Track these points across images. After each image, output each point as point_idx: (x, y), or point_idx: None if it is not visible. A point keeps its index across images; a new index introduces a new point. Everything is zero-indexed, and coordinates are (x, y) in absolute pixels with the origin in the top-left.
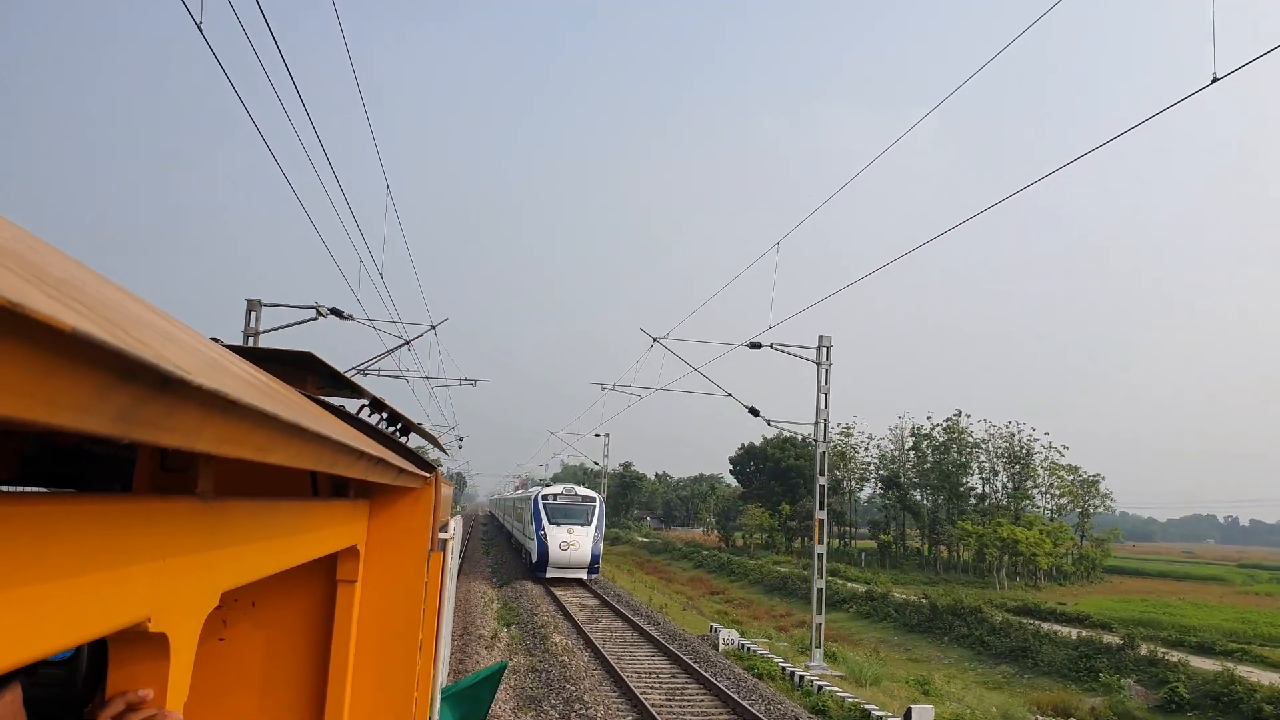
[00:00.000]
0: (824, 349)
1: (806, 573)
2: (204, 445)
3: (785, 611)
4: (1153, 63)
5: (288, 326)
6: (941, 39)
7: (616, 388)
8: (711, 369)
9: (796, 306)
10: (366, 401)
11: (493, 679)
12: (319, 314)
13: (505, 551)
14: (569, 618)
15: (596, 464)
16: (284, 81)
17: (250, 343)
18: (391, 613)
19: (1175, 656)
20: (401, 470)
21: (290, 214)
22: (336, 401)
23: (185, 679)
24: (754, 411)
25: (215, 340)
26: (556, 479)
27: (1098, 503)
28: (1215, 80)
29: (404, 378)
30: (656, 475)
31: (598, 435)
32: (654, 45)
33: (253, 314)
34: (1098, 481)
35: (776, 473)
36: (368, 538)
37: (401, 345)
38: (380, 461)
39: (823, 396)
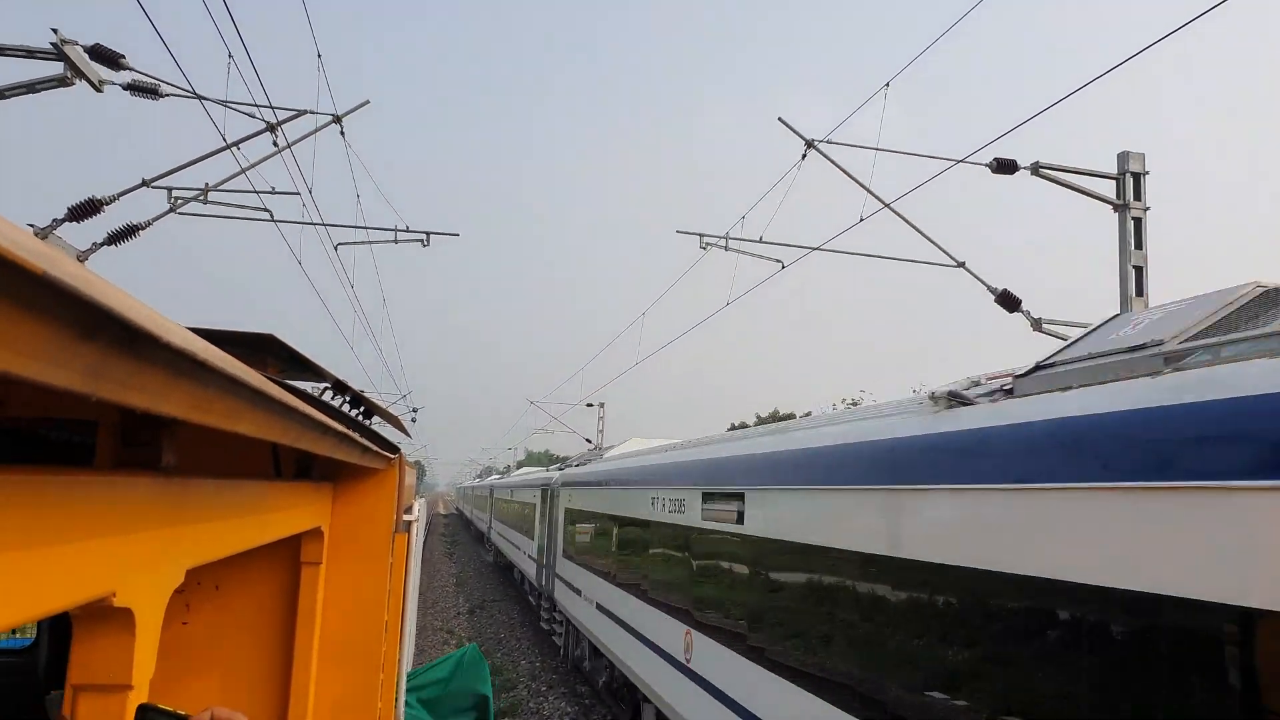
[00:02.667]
0: (1131, 178)
1: None
2: (171, 408)
3: None
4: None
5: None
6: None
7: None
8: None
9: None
10: (329, 384)
11: (478, 671)
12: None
13: (489, 581)
14: None
15: (590, 441)
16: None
17: None
18: (356, 595)
19: None
20: (366, 450)
21: None
22: (299, 385)
23: (151, 655)
24: (1009, 300)
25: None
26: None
27: None
28: None
29: (267, 218)
30: None
31: (589, 405)
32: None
33: None
34: None
35: None
36: (332, 520)
37: (259, 135)
38: (346, 439)
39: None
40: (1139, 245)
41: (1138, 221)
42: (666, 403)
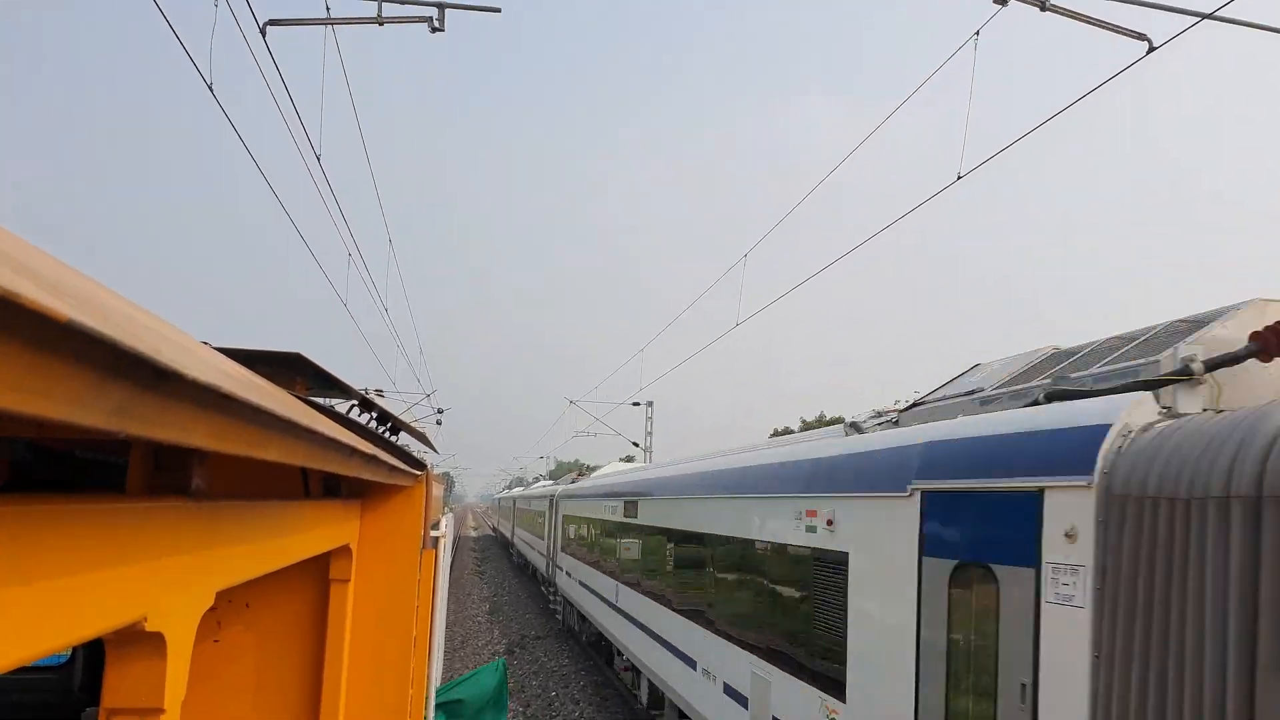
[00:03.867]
0: None
1: None
2: (198, 440)
3: None
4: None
5: None
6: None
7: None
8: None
9: None
10: (356, 401)
11: (500, 684)
12: None
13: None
14: None
15: (636, 444)
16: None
17: None
18: (385, 611)
19: None
20: (393, 468)
21: None
22: (326, 403)
23: (182, 678)
24: None
25: (205, 344)
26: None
27: None
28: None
29: None
30: None
31: (635, 405)
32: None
33: None
34: None
35: None
36: (360, 537)
37: None
38: (373, 459)
39: None
40: None
41: None
42: (720, 403)
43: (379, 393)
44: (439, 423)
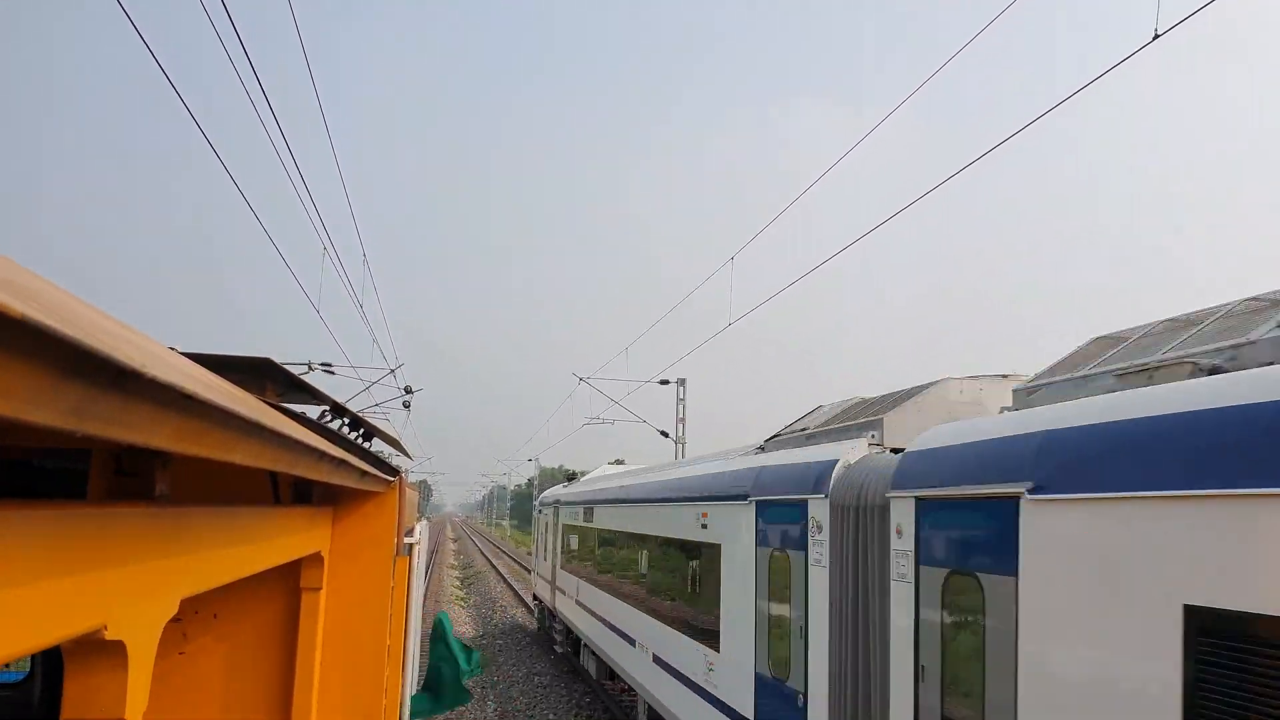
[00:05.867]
0: None
1: None
2: (161, 442)
3: None
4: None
5: None
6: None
7: None
8: None
9: None
10: (327, 407)
11: (443, 636)
12: None
13: None
14: None
15: (665, 434)
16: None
17: None
18: (358, 619)
19: None
20: (365, 473)
21: None
22: (298, 409)
23: (144, 688)
24: None
25: (172, 350)
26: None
27: None
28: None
29: None
30: None
31: (665, 383)
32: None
33: None
34: None
35: None
36: (332, 544)
37: None
38: (343, 464)
39: None
40: None
41: None
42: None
43: (325, 366)
44: (406, 405)
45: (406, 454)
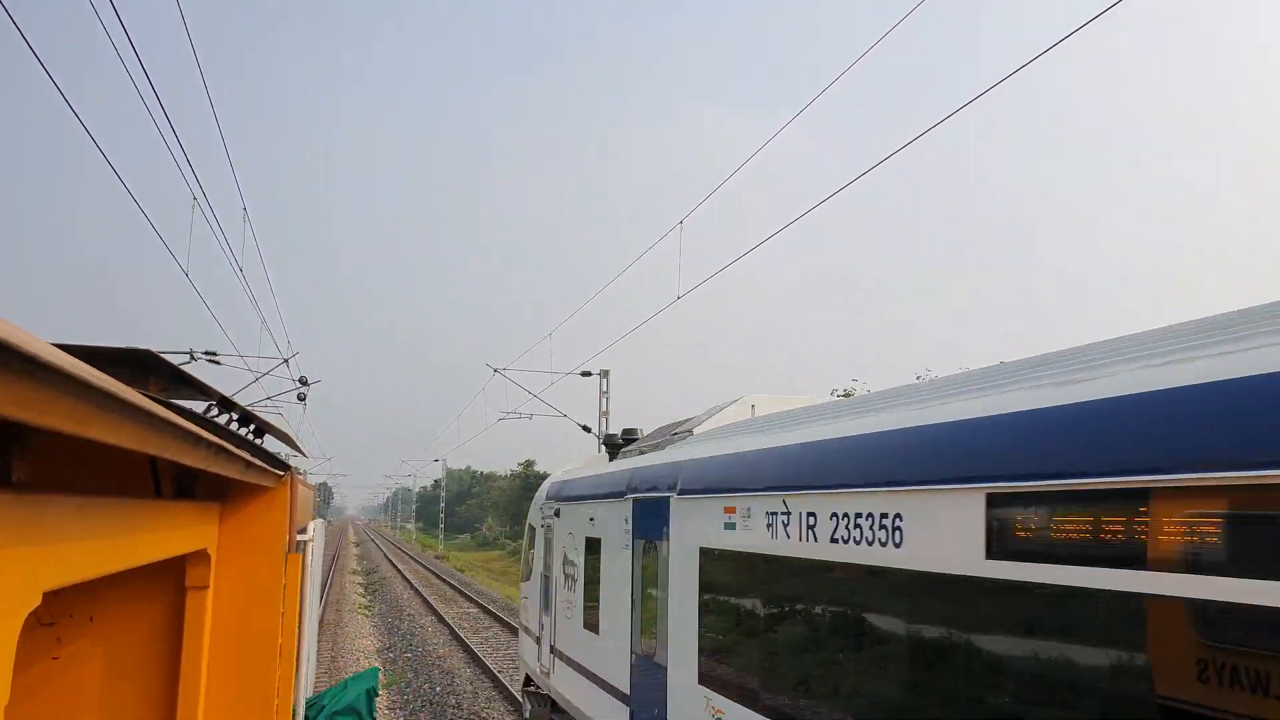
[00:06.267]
0: None
1: None
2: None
3: None
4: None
5: None
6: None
7: None
8: None
9: None
10: (214, 401)
11: (369, 692)
12: None
13: None
14: None
15: (587, 429)
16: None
17: None
18: (247, 618)
19: None
20: (250, 465)
21: None
22: (184, 405)
23: (4, 684)
24: None
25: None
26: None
27: None
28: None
29: None
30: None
31: (587, 374)
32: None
33: None
34: None
35: None
36: (219, 541)
37: None
38: (222, 450)
39: None
40: None
41: None
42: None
43: (209, 355)
44: (302, 398)
45: (302, 451)
